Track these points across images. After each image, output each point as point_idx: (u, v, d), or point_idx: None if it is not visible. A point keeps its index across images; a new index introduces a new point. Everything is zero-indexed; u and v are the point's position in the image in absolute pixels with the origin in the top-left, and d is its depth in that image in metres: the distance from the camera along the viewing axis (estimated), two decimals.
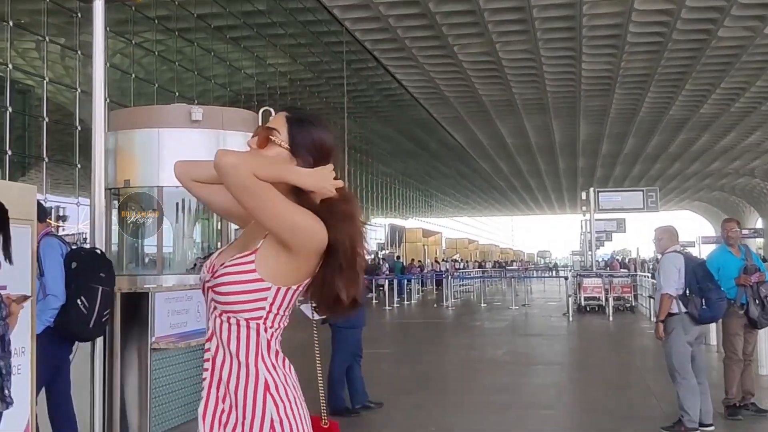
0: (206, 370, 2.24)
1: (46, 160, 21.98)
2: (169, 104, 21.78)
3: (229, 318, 2.19)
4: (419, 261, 47.84)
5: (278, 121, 2.31)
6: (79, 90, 24.01)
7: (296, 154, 2.28)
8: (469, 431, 7.67)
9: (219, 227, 16.92)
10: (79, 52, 24.15)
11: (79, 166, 23.18)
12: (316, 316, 7.45)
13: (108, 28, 22.74)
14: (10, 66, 21.42)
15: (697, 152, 64.56)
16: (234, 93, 33.25)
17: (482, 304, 27.27)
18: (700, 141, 59.19)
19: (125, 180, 16.58)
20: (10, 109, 21.23)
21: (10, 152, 21.15)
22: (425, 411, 8.65)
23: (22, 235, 5.27)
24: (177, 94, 28.23)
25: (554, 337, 16.87)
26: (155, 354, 5.97)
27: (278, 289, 2.17)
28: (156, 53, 27.11)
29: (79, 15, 23.85)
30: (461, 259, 51.39)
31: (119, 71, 25.88)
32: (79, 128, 23.66)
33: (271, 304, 2.18)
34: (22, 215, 5.20)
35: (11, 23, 21.29)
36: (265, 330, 2.19)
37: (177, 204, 17.39)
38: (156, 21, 26.66)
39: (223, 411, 2.19)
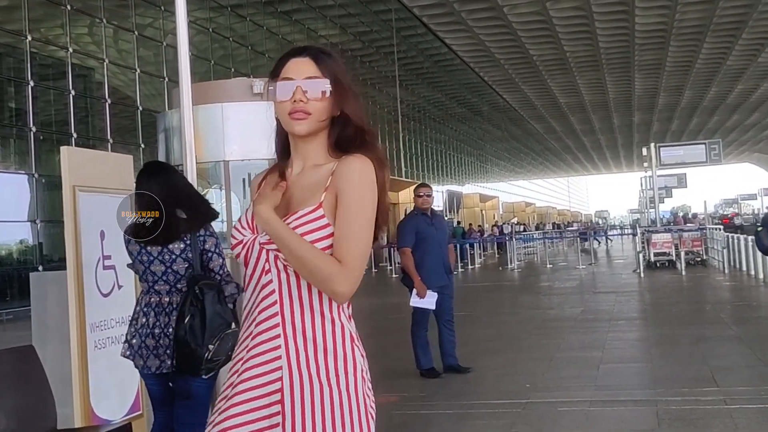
0: (275, 326, 2.11)
1: (111, 141, 22.22)
2: (225, 79, 21.93)
3: None
4: (479, 225, 47.60)
5: (307, 68, 2.17)
6: (138, 71, 24.20)
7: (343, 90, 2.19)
8: (564, 387, 7.57)
9: None
10: (135, 33, 24.30)
11: (143, 146, 23.40)
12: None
13: (163, 8, 23.04)
14: (70, 49, 21.64)
15: (756, 102, 63.02)
16: None
17: (548, 265, 27.05)
18: (758, 91, 57.79)
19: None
20: (72, 92, 21.48)
21: (75, 135, 21.43)
22: (515, 369, 8.57)
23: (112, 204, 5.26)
24: (233, 70, 28.31)
25: (629, 294, 16.64)
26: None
27: None
28: (210, 30, 27.16)
29: None
30: (519, 223, 51.03)
31: (174, 49, 25.94)
32: (140, 108, 23.87)
33: None
34: (120, 185, 5.20)
35: (69, 7, 21.46)
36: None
37: (243, 179, 17.55)
38: None
39: (308, 364, 2.09)
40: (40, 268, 18.90)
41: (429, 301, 8.02)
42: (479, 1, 37.36)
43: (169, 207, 4.13)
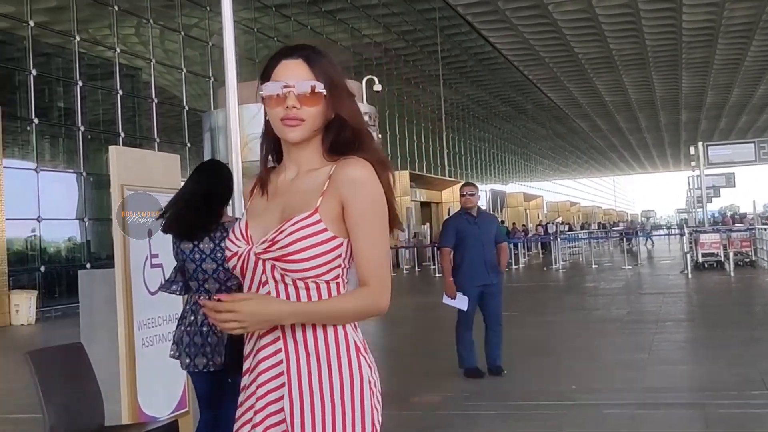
0: (276, 340, 2.03)
1: (157, 140, 22.46)
2: None
3: (306, 284, 2.01)
4: (523, 225, 47.33)
5: (299, 71, 2.04)
6: (184, 71, 24.44)
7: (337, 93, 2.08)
8: (610, 389, 7.49)
9: None
10: (182, 33, 24.56)
11: (188, 145, 23.62)
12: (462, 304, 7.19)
13: (209, 8, 23.22)
14: (117, 50, 21.91)
15: None
16: None
17: (593, 266, 26.80)
18: None
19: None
20: (120, 91, 21.75)
21: (123, 134, 21.70)
22: (560, 371, 8.49)
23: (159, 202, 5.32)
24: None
25: (677, 295, 16.40)
26: None
27: (348, 241, 2.03)
28: (255, 30, 27.32)
29: None
30: (563, 222, 50.62)
31: (219, 49, 26.14)
32: (186, 108, 24.11)
33: (345, 258, 2.04)
34: (167, 184, 5.24)
35: (116, 8, 21.74)
36: (343, 286, 2.05)
37: None
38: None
39: (311, 378, 2.00)
40: (88, 265, 19.18)
41: (459, 301, 7.99)
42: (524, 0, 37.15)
43: (210, 202, 4.17)
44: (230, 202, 4.41)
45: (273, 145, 2.15)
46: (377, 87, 20.60)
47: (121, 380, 4.64)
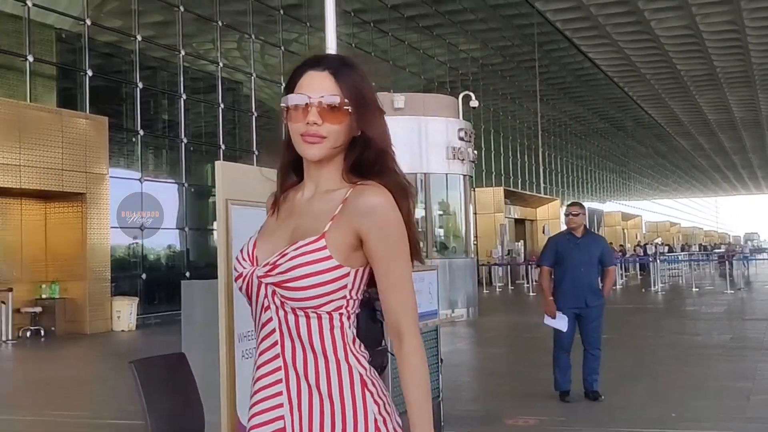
0: (277, 370, 1.89)
1: (256, 153, 22.89)
2: None
3: (307, 313, 1.87)
4: (620, 245, 46.39)
5: (325, 84, 1.89)
6: (283, 85, 24.86)
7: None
8: (712, 418, 7.23)
9: (425, 213, 17.09)
10: (282, 48, 25.01)
11: None
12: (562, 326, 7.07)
13: (309, 24, 23.58)
14: (220, 64, 22.45)
15: None
16: (426, 80, 33.44)
17: (693, 289, 26.06)
18: None
19: None
20: (222, 105, 22.27)
21: (223, 146, 22.18)
22: (659, 397, 8.25)
23: (261, 217, 5.39)
24: (374, 84, 28.69)
25: None
26: None
27: (356, 272, 1.89)
28: (353, 45, 27.62)
29: (282, 12, 24.72)
30: (663, 243, 49.39)
31: None
32: (286, 122, 24.53)
33: (351, 290, 1.89)
34: (262, 198, 5.30)
35: (220, 23, 22.29)
36: (348, 318, 1.91)
37: None
38: (353, 14, 27.16)
39: (312, 413, 1.87)
40: (187, 274, 19.65)
41: (559, 321, 7.83)
42: (625, 15, 36.58)
43: None
44: None
45: (294, 160, 1.99)
46: (474, 103, 20.52)
47: (221, 391, 4.70)
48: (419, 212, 17.84)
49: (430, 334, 6.85)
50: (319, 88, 1.88)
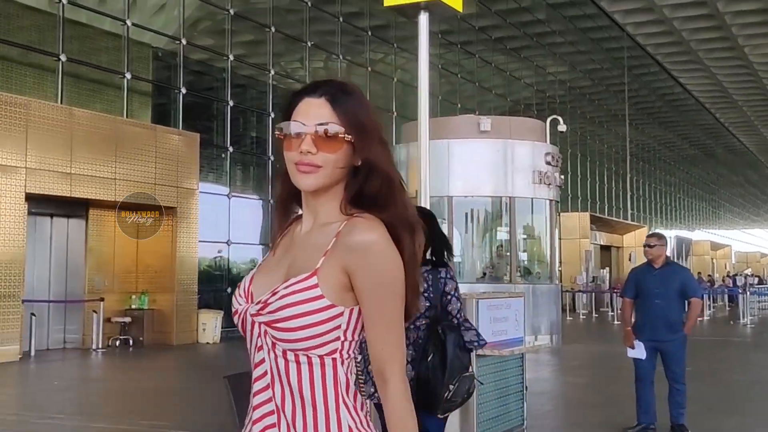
0: (269, 414, 1.79)
1: None
2: (452, 116, 22.30)
3: (297, 356, 1.76)
4: (708, 275, 45.19)
5: (321, 111, 1.79)
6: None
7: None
8: None
9: (509, 237, 16.98)
10: (369, 69, 25.24)
11: None
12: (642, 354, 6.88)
13: (395, 45, 23.76)
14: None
15: None
16: (513, 102, 33.30)
17: None
18: None
19: (416, 190, 16.99)
20: None
21: None
22: None
23: None
24: (459, 105, 28.72)
25: None
26: (480, 360, 5.92)
27: (351, 311, 1.76)
28: (439, 66, 27.70)
29: (370, 33, 24.98)
30: (753, 274, 47.93)
31: (403, 85, 26.73)
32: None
33: (345, 331, 1.77)
34: None
35: (309, 43, 22.64)
36: (342, 363, 1.78)
37: (466, 214, 17.72)
38: (440, 35, 27.25)
39: None
40: None
41: (638, 351, 7.69)
42: (718, 41, 35.83)
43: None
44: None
45: (297, 191, 1.87)
46: (562, 127, 20.30)
47: None
48: (503, 235, 17.71)
49: (516, 361, 6.80)
50: (314, 115, 1.78)
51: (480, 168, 16.52)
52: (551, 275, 17.90)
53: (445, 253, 4.41)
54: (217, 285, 19.50)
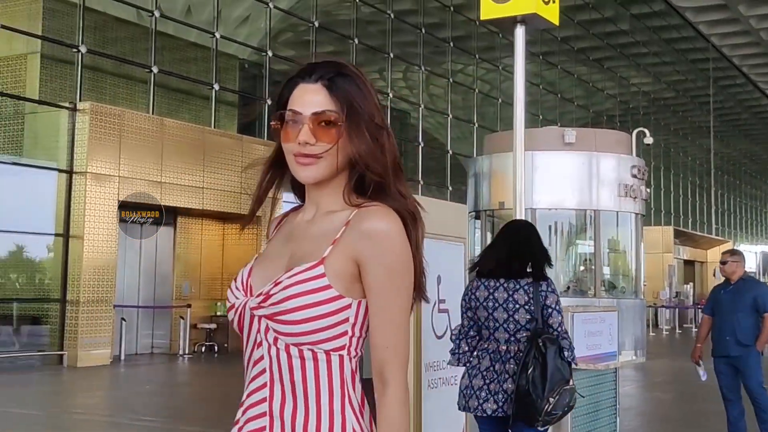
0: (261, 416, 1.67)
1: (421, 182, 23.18)
2: (535, 128, 22.16)
3: (301, 351, 1.63)
4: None
5: (317, 98, 1.68)
6: (450, 116, 25.12)
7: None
8: None
9: (594, 251, 16.77)
10: (451, 80, 25.28)
11: (450, 188, 24.15)
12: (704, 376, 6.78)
13: (477, 55, 23.74)
14: (390, 94, 22.92)
15: None
16: (594, 114, 32.93)
17: None
18: None
19: (500, 202, 16.96)
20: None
21: None
22: None
23: (455, 252, 5.48)
24: (540, 117, 28.53)
25: None
26: (575, 374, 5.87)
27: (359, 304, 1.65)
28: None
29: (452, 44, 25.02)
30: None
31: (484, 95, 26.70)
32: (450, 152, 24.74)
33: (354, 325, 1.65)
34: (456, 233, 5.39)
35: (391, 54, 22.79)
36: (350, 360, 1.66)
37: (549, 227, 17.57)
38: None
39: None
40: None
41: (700, 371, 7.65)
42: None
43: (516, 249, 4.31)
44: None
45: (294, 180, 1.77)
46: (648, 140, 20.02)
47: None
48: (587, 248, 17.50)
49: (609, 376, 6.72)
50: (310, 102, 1.67)
51: (564, 180, 16.36)
52: (636, 290, 17.62)
53: (546, 266, 4.44)
54: None
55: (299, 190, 1.81)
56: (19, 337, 14.81)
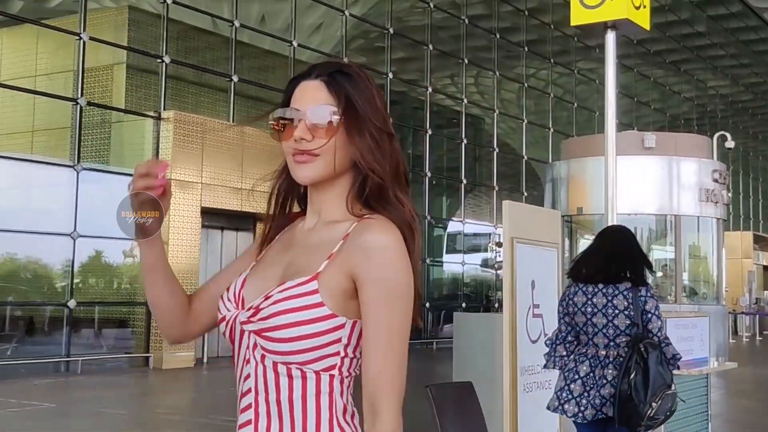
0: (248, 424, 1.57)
1: (496, 188, 23.13)
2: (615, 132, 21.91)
3: (289, 370, 1.52)
4: None
5: (317, 95, 1.60)
6: (525, 121, 25.02)
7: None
8: None
9: (674, 256, 16.53)
10: (525, 85, 25.19)
11: (525, 194, 24.05)
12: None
13: (552, 60, 23.60)
14: (465, 100, 22.94)
15: None
16: (671, 117, 32.43)
17: None
18: None
19: (578, 207, 16.85)
20: (464, 140, 22.73)
21: (465, 181, 22.59)
22: None
23: (549, 258, 5.52)
24: (617, 121, 28.20)
25: None
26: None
27: (354, 324, 1.53)
28: (596, 81, 27.32)
29: (526, 49, 24.93)
30: None
31: (558, 99, 26.54)
32: (525, 158, 24.63)
33: (347, 346, 1.53)
34: (550, 238, 5.44)
35: (465, 60, 22.82)
36: (341, 381, 1.54)
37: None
38: (596, 50, 26.89)
39: None
40: (427, 304, 20.14)
41: None
42: None
43: (615, 253, 4.33)
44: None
45: (295, 186, 1.69)
46: (730, 144, 19.65)
47: (504, 422, 4.85)
48: (665, 254, 17.27)
49: (701, 381, 6.70)
50: (309, 99, 1.60)
51: (644, 185, 16.19)
52: (718, 296, 17.32)
53: (646, 271, 4.45)
54: None
55: (305, 201, 1.70)
56: (106, 340, 15.27)
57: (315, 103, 1.57)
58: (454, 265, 22.69)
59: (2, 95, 15.04)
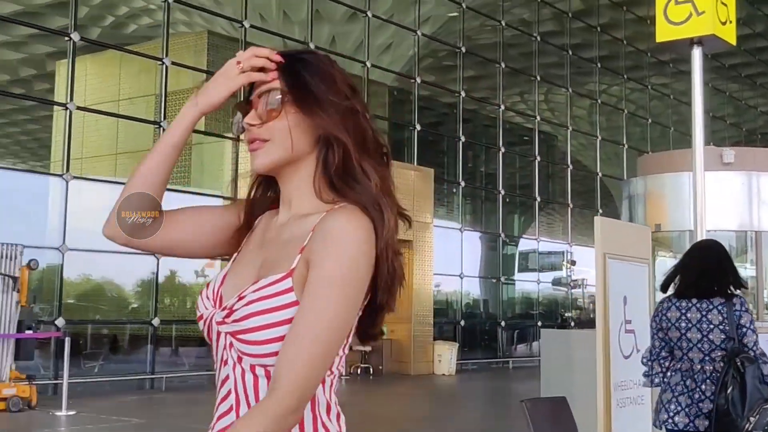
0: None
1: (570, 205, 22.97)
2: (686, 148, 21.61)
3: (268, 371, 1.43)
4: None
5: (273, 82, 1.54)
6: (599, 137, 24.83)
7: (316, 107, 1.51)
8: None
9: (755, 273, 16.19)
10: (598, 101, 25.02)
11: (600, 211, 23.84)
12: None
13: (625, 76, 23.39)
14: (538, 117, 22.88)
15: None
16: (747, 132, 31.81)
17: None
18: None
19: (656, 224, 16.64)
20: (538, 157, 22.66)
21: (539, 198, 22.49)
22: None
23: (640, 273, 5.53)
24: (689, 137, 27.83)
25: None
26: None
27: None
28: (671, 97, 27.03)
29: (599, 65, 24.78)
30: None
31: (631, 115, 26.28)
32: (599, 174, 24.43)
33: None
34: (640, 254, 5.44)
35: (538, 77, 22.78)
36: (322, 382, 1.46)
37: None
38: (671, 65, 26.62)
39: None
40: (503, 323, 20.10)
41: None
42: None
43: (708, 268, 4.34)
44: None
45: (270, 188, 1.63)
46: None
47: None
48: (749, 272, 16.92)
49: None
50: (263, 89, 1.54)
51: (724, 201, 15.91)
52: None
53: (739, 285, 4.45)
54: (450, 317, 19.89)
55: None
56: (188, 359, 15.58)
57: (266, 89, 1.52)
58: (527, 283, 22.60)
59: (87, 119, 15.53)
